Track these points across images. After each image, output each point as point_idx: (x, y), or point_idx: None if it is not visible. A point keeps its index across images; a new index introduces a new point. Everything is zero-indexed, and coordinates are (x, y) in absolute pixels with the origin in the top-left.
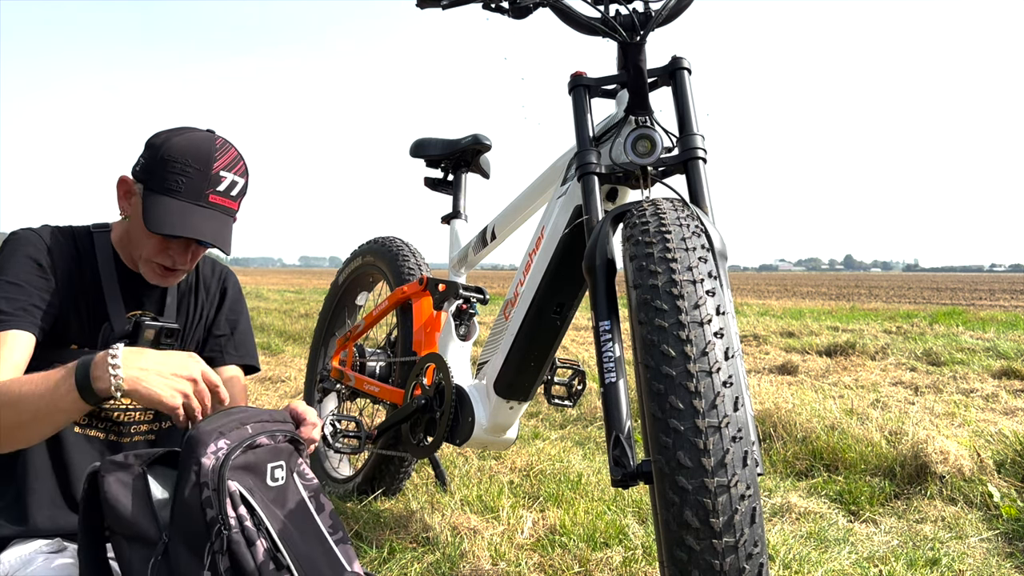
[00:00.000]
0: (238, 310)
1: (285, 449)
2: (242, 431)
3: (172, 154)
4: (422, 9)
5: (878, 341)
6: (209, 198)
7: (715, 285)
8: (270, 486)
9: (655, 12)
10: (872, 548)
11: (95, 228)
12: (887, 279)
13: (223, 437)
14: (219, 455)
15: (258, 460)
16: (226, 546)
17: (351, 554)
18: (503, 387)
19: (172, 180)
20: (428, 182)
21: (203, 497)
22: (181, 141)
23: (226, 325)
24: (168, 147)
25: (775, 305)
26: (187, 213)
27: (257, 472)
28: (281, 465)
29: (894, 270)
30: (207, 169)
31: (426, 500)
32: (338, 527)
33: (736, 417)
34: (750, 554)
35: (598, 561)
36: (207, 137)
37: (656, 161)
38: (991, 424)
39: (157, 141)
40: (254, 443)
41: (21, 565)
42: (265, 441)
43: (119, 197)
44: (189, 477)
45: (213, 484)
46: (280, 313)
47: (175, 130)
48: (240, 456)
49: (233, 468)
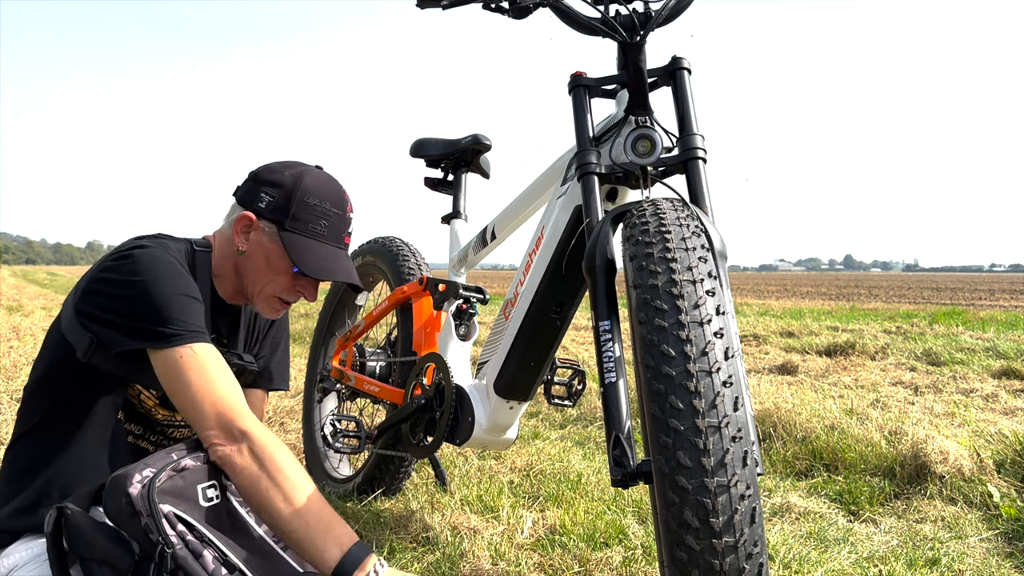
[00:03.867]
0: (282, 334)
1: (216, 468)
2: (167, 457)
3: (309, 198)
4: (422, 9)
5: (878, 341)
6: (345, 240)
7: (715, 285)
8: (203, 506)
9: (655, 12)
10: (872, 548)
11: (198, 245)
12: (887, 279)
13: (147, 467)
14: (143, 482)
15: (186, 484)
16: (175, 564)
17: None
18: (503, 387)
19: (316, 223)
20: (428, 182)
21: (142, 524)
22: (312, 183)
23: (269, 346)
24: (303, 190)
25: (775, 305)
26: (334, 256)
27: (187, 495)
28: (213, 484)
29: (894, 270)
30: (344, 213)
31: (426, 500)
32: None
33: (736, 417)
34: (750, 554)
35: (598, 561)
36: (332, 179)
37: (656, 161)
38: (991, 424)
39: (282, 180)
40: (179, 466)
41: (32, 557)
42: (190, 463)
43: (236, 232)
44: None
45: (146, 511)
46: None
47: (290, 165)
48: (167, 482)
49: (161, 493)
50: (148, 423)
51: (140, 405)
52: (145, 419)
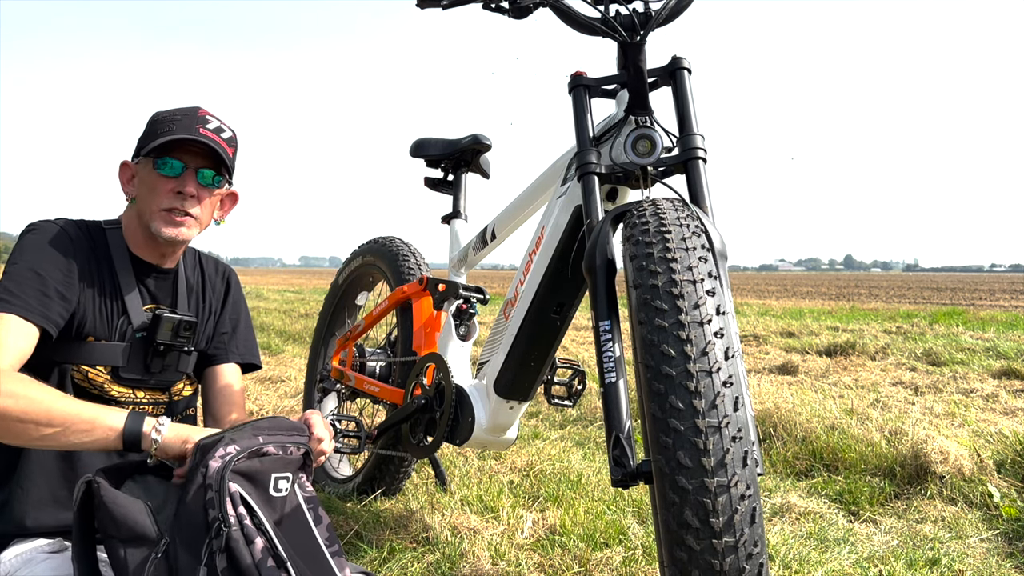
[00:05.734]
0: (239, 307)
1: (294, 460)
2: (252, 439)
3: (159, 116)
4: (422, 9)
5: (878, 341)
6: (199, 130)
7: (715, 285)
8: (272, 496)
9: (655, 12)
10: (872, 548)
11: (107, 224)
12: (887, 279)
13: (233, 443)
14: (225, 459)
15: (263, 468)
16: (224, 544)
17: (343, 564)
18: (503, 387)
19: (163, 128)
20: (428, 182)
21: (207, 498)
22: (166, 109)
23: (228, 323)
24: (155, 115)
25: (775, 305)
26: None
27: (260, 480)
28: (287, 477)
29: (894, 270)
30: (193, 114)
31: (426, 500)
32: (334, 540)
33: (736, 417)
34: (750, 554)
35: (598, 561)
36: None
37: (656, 161)
38: (991, 424)
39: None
40: (261, 451)
41: (22, 564)
42: (273, 451)
43: (123, 183)
44: (196, 479)
45: (216, 486)
46: (280, 313)
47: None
48: (245, 462)
49: (236, 472)
50: (105, 403)
51: (91, 386)
52: (101, 400)
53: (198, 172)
